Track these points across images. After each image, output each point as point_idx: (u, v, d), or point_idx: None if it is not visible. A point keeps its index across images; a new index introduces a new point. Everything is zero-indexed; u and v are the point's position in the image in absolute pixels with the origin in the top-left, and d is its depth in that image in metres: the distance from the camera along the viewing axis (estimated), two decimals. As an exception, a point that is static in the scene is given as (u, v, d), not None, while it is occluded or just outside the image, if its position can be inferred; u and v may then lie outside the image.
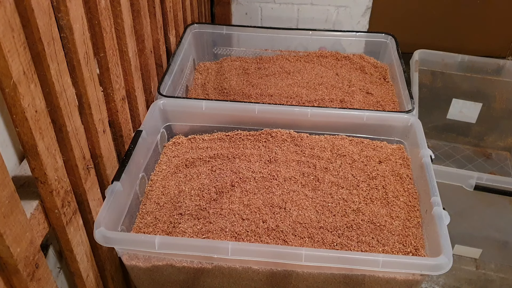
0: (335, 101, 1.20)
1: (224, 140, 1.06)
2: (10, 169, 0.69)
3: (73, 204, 0.73)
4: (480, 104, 1.58)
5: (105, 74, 0.83)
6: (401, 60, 1.25)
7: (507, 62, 1.52)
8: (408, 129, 1.01)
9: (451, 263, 0.70)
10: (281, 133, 1.05)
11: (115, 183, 0.82)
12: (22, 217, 0.58)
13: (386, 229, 0.85)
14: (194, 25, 1.38)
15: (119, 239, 0.75)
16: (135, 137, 0.92)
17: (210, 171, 0.97)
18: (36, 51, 0.59)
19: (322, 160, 1.00)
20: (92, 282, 0.83)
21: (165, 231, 0.85)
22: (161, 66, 1.19)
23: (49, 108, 0.64)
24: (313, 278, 0.78)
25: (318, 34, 1.39)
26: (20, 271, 0.59)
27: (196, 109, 1.05)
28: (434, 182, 0.85)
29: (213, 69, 1.39)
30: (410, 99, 1.08)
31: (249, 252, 0.73)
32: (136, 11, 0.97)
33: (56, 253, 0.81)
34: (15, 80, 0.54)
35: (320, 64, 1.37)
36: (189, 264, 0.79)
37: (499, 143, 1.69)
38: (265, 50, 1.42)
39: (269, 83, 1.28)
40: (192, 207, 0.89)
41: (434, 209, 0.79)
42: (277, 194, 0.91)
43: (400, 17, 1.94)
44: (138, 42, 1.00)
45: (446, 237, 0.74)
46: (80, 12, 0.68)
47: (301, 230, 0.84)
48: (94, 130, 0.78)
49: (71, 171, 0.72)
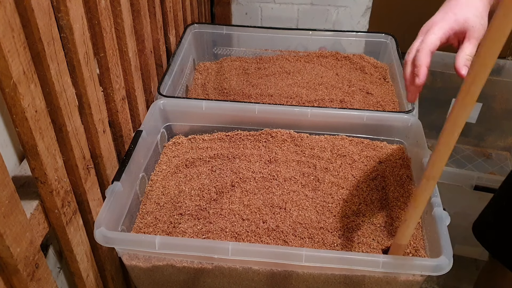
0: (335, 101, 1.20)
1: (224, 140, 1.06)
2: (10, 169, 0.69)
3: (73, 204, 0.73)
4: (480, 104, 1.58)
5: (105, 74, 0.83)
6: (401, 60, 1.24)
7: (507, 62, 1.52)
8: (408, 129, 1.01)
9: (451, 264, 0.70)
10: (281, 133, 1.05)
11: (115, 183, 0.82)
12: (22, 217, 0.58)
13: (386, 230, 0.85)
14: (194, 25, 1.38)
15: (119, 239, 0.75)
16: (135, 137, 0.92)
17: (210, 171, 0.97)
18: (36, 51, 0.59)
19: (322, 160, 1.00)
20: (92, 282, 0.83)
21: (165, 231, 0.85)
22: (161, 66, 1.18)
23: (49, 108, 0.64)
24: (313, 278, 0.78)
25: (318, 34, 1.39)
26: (20, 271, 0.58)
27: (196, 109, 1.05)
28: (434, 183, 0.85)
29: (213, 69, 1.39)
30: (410, 99, 1.08)
31: (249, 253, 0.73)
32: (136, 11, 0.96)
33: (56, 253, 0.81)
34: (15, 80, 0.54)
35: (320, 64, 1.37)
36: (190, 264, 0.79)
37: (499, 143, 1.69)
38: (265, 50, 1.42)
39: (269, 83, 1.28)
40: (192, 207, 0.89)
41: (434, 210, 0.79)
42: (277, 194, 0.91)
43: (400, 17, 1.94)
44: (138, 42, 1.00)
45: (447, 237, 0.74)
46: (80, 12, 0.68)
47: (302, 230, 0.84)
48: (94, 130, 0.78)
49: (71, 171, 0.72)
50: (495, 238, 0.88)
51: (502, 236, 0.87)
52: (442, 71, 1.54)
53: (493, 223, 0.88)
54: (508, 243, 0.87)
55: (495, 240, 0.88)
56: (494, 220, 0.88)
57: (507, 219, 0.86)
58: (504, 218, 0.87)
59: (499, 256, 0.89)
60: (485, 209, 0.92)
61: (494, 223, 0.88)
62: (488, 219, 0.89)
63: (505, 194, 0.89)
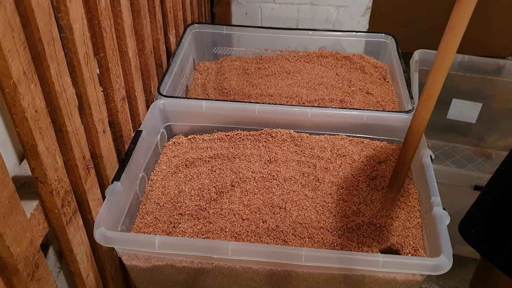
0: (335, 101, 1.20)
1: (224, 140, 1.06)
2: (10, 169, 0.69)
3: (73, 204, 0.73)
4: (480, 104, 1.57)
5: (105, 74, 0.83)
6: (401, 60, 1.25)
7: (507, 62, 1.52)
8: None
9: (451, 263, 0.70)
10: (281, 133, 1.05)
11: (115, 183, 0.82)
12: (22, 217, 0.58)
13: (386, 229, 0.85)
14: (194, 25, 1.38)
15: (119, 239, 0.75)
16: (135, 137, 0.92)
17: (210, 171, 0.97)
18: (36, 51, 0.59)
19: (322, 160, 1.00)
20: (92, 282, 0.83)
21: (165, 231, 0.85)
22: (161, 66, 1.19)
23: (49, 108, 0.64)
24: (313, 278, 0.78)
25: (318, 34, 1.39)
26: (20, 271, 0.58)
27: (196, 109, 1.05)
28: (434, 182, 0.85)
29: (213, 69, 1.39)
30: (410, 99, 1.08)
31: (249, 252, 0.73)
32: (136, 11, 0.97)
33: (56, 253, 0.81)
34: (15, 80, 0.54)
35: (320, 64, 1.37)
36: (189, 264, 0.79)
37: (499, 143, 1.69)
38: (265, 50, 1.42)
39: (269, 83, 1.28)
40: (192, 207, 0.89)
41: (434, 209, 0.79)
42: (277, 194, 0.91)
43: (400, 17, 1.94)
44: (138, 42, 1.00)
45: (446, 237, 0.74)
46: (80, 12, 0.68)
47: (301, 230, 0.84)
48: (94, 130, 0.78)
49: (71, 171, 0.72)
50: (481, 236, 0.88)
51: (488, 234, 0.87)
52: (442, 71, 1.53)
53: (479, 221, 0.89)
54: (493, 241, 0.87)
55: (481, 238, 0.88)
56: (479, 218, 0.89)
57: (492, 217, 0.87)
58: (489, 216, 0.87)
59: (486, 254, 0.89)
60: (471, 208, 0.93)
61: (479, 221, 0.89)
62: (474, 217, 0.90)
63: (490, 192, 0.89)
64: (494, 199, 0.87)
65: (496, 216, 0.86)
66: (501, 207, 0.85)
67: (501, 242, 0.85)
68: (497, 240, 0.86)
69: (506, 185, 0.84)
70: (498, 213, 0.86)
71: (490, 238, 0.87)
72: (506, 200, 0.83)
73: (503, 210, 0.84)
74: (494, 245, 0.87)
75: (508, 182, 0.84)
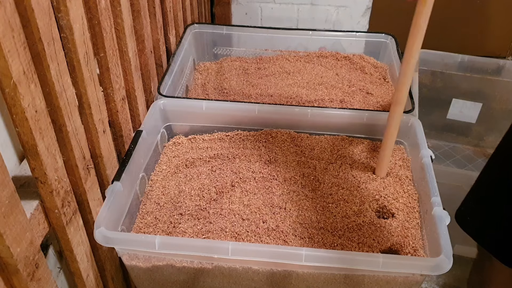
0: (335, 101, 1.20)
1: (224, 140, 1.06)
2: (10, 169, 0.69)
3: (73, 204, 0.73)
4: (480, 104, 1.58)
5: (105, 74, 0.83)
6: (401, 60, 1.24)
7: (507, 62, 1.52)
8: (408, 129, 1.01)
9: (451, 263, 0.70)
10: (281, 133, 1.05)
11: (115, 183, 0.82)
12: (22, 217, 0.58)
13: (386, 230, 0.85)
14: (194, 25, 1.38)
15: (119, 239, 0.75)
16: (135, 137, 0.92)
17: (210, 171, 0.97)
18: (36, 51, 0.59)
19: (322, 161, 1.00)
20: (92, 282, 0.83)
21: (165, 231, 0.85)
22: (161, 66, 1.18)
23: (49, 108, 0.64)
24: (313, 278, 0.78)
25: (318, 34, 1.39)
26: (20, 271, 0.58)
27: (196, 109, 1.05)
28: (435, 183, 0.85)
29: (213, 69, 1.39)
30: (410, 99, 1.08)
31: (249, 252, 0.73)
32: (136, 11, 0.96)
33: (56, 253, 0.81)
34: (15, 80, 0.54)
35: (320, 64, 1.37)
36: (189, 264, 0.79)
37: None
38: (265, 50, 1.42)
39: (269, 83, 1.28)
40: (192, 207, 0.89)
41: (434, 210, 0.79)
42: (277, 194, 0.91)
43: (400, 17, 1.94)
44: (138, 42, 1.00)
45: (446, 237, 0.74)
46: (80, 12, 0.68)
47: (301, 230, 0.84)
48: (94, 130, 0.78)
49: (71, 171, 0.72)
50: (477, 225, 0.89)
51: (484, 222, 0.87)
52: (442, 71, 1.54)
53: (475, 209, 0.89)
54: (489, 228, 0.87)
55: (478, 227, 0.89)
56: (475, 206, 0.89)
57: (488, 204, 0.87)
58: (485, 204, 0.87)
59: (483, 242, 0.89)
60: (467, 196, 0.93)
61: (475, 210, 0.89)
62: (470, 204, 0.90)
63: (485, 180, 0.90)
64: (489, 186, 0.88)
65: (491, 203, 0.86)
66: (496, 194, 0.85)
67: (497, 229, 0.86)
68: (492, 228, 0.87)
69: (500, 172, 0.84)
70: (493, 200, 0.86)
71: (485, 225, 0.88)
72: (500, 188, 0.84)
73: (498, 197, 0.85)
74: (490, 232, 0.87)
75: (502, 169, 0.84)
